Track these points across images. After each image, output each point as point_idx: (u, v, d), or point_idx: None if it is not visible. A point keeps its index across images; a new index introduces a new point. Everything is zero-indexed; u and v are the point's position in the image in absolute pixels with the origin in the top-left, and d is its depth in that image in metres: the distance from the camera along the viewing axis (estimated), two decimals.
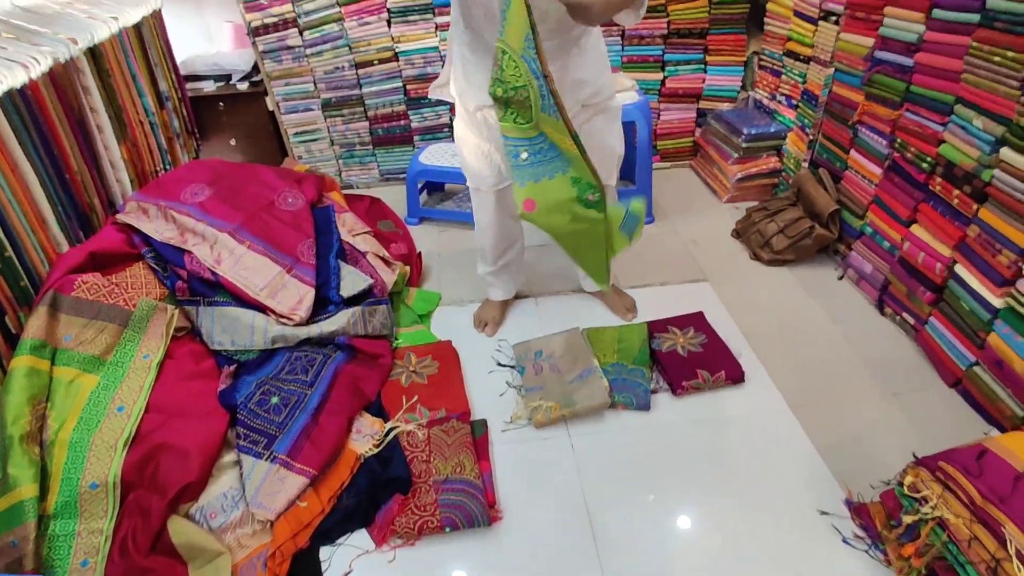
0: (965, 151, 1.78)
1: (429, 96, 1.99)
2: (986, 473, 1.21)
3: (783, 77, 2.78)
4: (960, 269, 1.84)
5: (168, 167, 2.51)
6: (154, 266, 1.96)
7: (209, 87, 2.82)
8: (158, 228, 2.01)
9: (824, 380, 1.90)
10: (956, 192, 1.83)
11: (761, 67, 2.97)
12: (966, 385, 1.80)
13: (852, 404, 1.81)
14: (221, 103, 2.84)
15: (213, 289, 1.91)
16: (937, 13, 1.84)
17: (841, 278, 2.36)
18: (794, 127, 2.72)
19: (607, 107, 1.80)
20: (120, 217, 2.01)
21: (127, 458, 1.51)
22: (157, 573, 1.38)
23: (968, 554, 1.16)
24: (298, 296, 1.95)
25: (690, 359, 1.93)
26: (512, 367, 1.98)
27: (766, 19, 2.86)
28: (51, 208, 1.79)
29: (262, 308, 1.91)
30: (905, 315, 2.08)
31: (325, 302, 2.01)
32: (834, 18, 2.37)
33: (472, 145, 1.82)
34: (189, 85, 2.80)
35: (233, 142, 2.95)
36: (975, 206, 1.77)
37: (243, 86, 2.83)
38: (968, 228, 1.80)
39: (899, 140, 2.06)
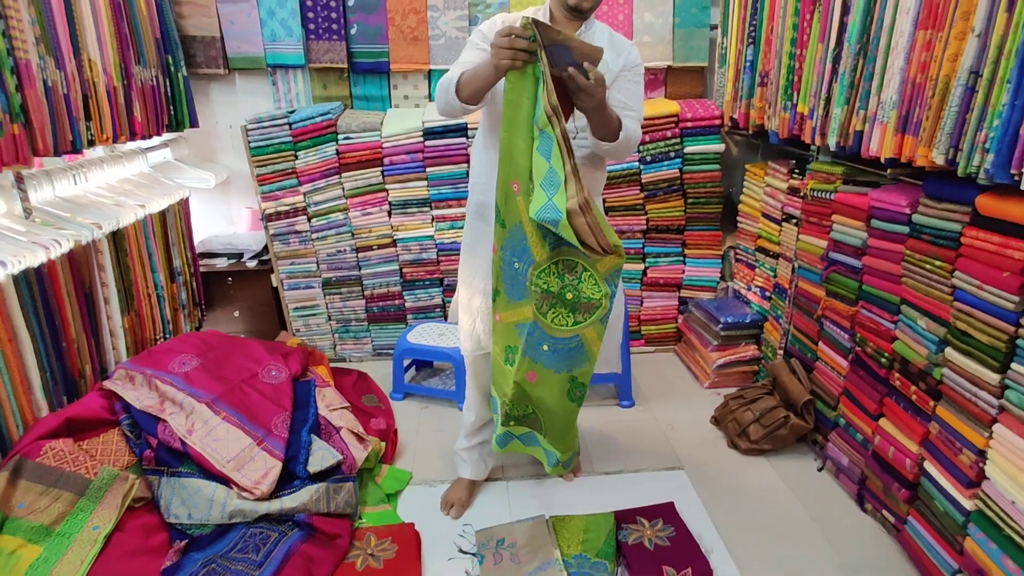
0: (915, 349, 1.84)
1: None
2: None
3: (757, 270, 2.95)
4: (929, 466, 1.81)
5: (168, 335, 2.66)
6: (128, 433, 2.00)
7: (222, 264, 3.06)
8: (140, 396, 2.08)
9: None
10: (913, 388, 1.86)
11: (737, 260, 3.16)
12: None
13: None
14: (230, 278, 3.06)
15: (179, 460, 1.93)
16: (875, 223, 2.01)
17: (821, 469, 2.30)
18: (769, 317, 2.82)
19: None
20: (106, 384, 2.10)
21: None
22: None
23: None
24: (264, 469, 1.96)
25: (656, 553, 1.85)
26: (473, 554, 1.91)
27: (738, 218, 3.10)
28: (39, 374, 1.89)
29: (226, 480, 1.91)
30: (885, 512, 2.00)
31: (291, 476, 2.01)
32: (794, 220, 2.57)
33: (465, 305, 1.95)
34: (203, 261, 3.04)
35: (236, 313, 3.12)
36: (932, 403, 1.79)
37: (252, 263, 3.06)
38: (930, 425, 1.80)
39: (858, 335, 2.13)
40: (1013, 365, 1.51)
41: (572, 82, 1.46)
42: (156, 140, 2.88)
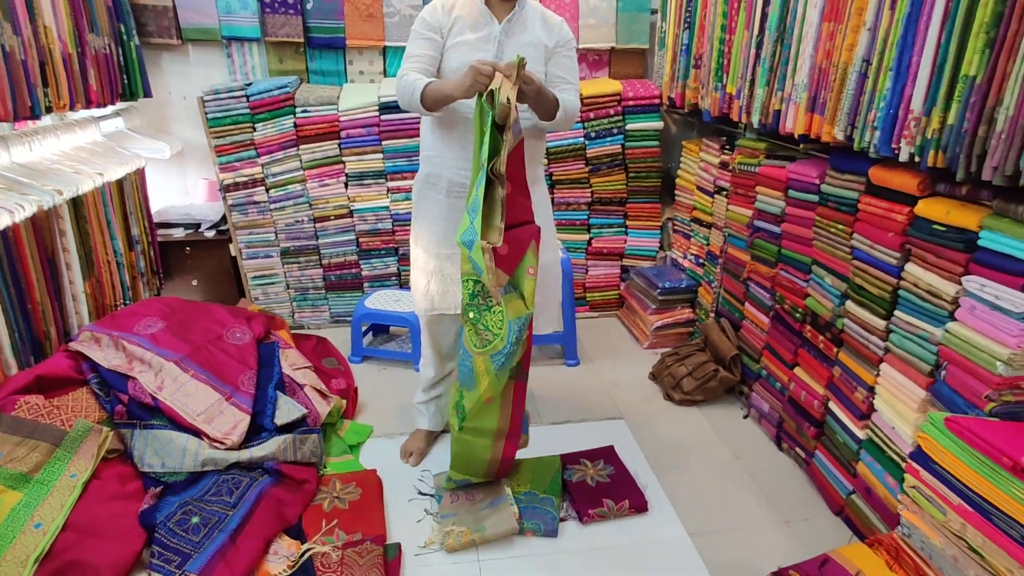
0: (823, 304, 2.09)
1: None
2: None
3: (692, 239, 3.19)
4: (833, 406, 2.08)
5: (128, 302, 2.71)
6: (97, 391, 2.08)
7: (179, 234, 3.10)
8: (107, 356, 2.15)
9: (723, 511, 2.04)
10: (821, 338, 2.12)
11: (675, 231, 3.39)
12: (847, 512, 1.96)
13: (747, 533, 1.94)
14: (187, 247, 3.11)
15: (151, 413, 2.03)
16: (791, 193, 2.25)
17: (746, 417, 2.57)
18: (702, 282, 3.08)
19: (551, 261, 2.09)
20: (73, 345, 2.16)
21: (36, 574, 1.54)
22: None
23: None
24: (233, 422, 2.08)
25: (598, 489, 2.06)
26: (431, 495, 2.08)
27: (676, 191, 3.33)
28: (8, 334, 1.95)
29: (197, 432, 2.02)
30: (797, 449, 2.27)
31: (260, 429, 2.13)
32: (724, 192, 2.81)
33: (419, 266, 2.08)
34: (161, 231, 3.08)
35: (195, 283, 3.18)
36: (835, 350, 2.05)
37: (210, 234, 3.12)
38: (833, 369, 2.07)
39: (778, 294, 2.38)
40: (896, 312, 1.77)
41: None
42: (108, 109, 2.89)
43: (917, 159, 1.57)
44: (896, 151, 1.62)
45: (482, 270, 1.59)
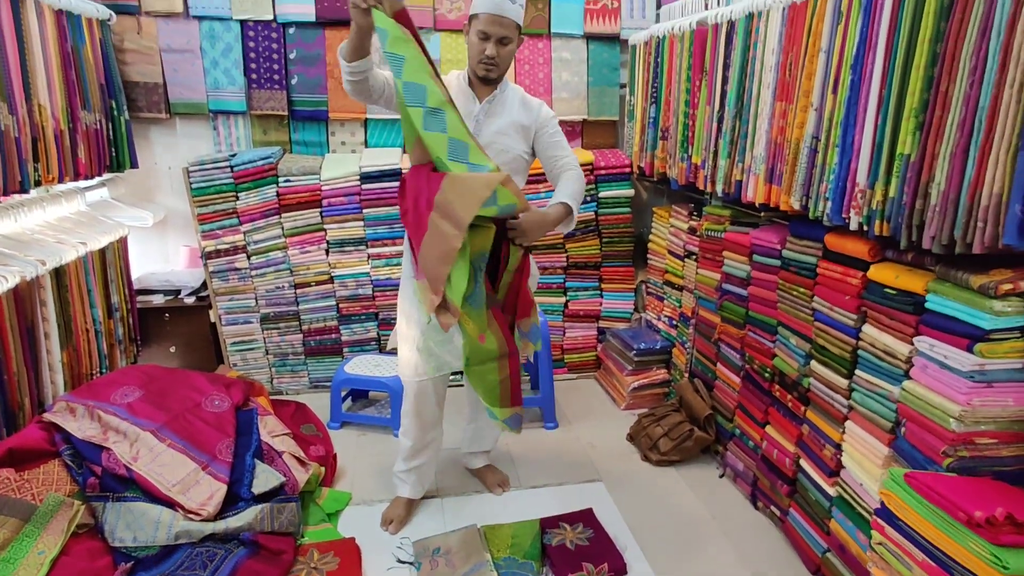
0: (789, 363, 2.17)
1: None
2: None
3: (665, 301, 3.28)
4: (803, 463, 2.13)
5: (105, 371, 2.70)
6: (69, 463, 2.06)
7: (159, 300, 3.12)
8: (81, 427, 2.14)
9: (702, 570, 2.05)
10: (789, 397, 2.19)
11: (649, 293, 3.50)
12: (823, 571, 1.98)
13: None
14: (167, 314, 3.12)
15: (125, 485, 2.00)
16: (756, 257, 2.36)
17: (722, 476, 2.60)
18: (676, 343, 3.15)
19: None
20: (47, 416, 2.15)
21: None
22: None
23: None
24: (209, 492, 2.06)
25: (577, 552, 2.06)
26: (411, 563, 2.06)
27: (648, 255, 3.45)
28: None
29: (172, 504, 2.00)
30: (772, 507, 2.30)
31: (236, 499, 2.11)
32: (694, 256, 2.92)
33: (403, 335, 2.13)
34: (140, 298, 3.09)
35: (173, 349, 3.18)
36: (803, 408, 2.12)
37: (190, 300, 3.14)
38: (802, 427, 2.13)
39: (747, 354, 2.46)
40: (856, 371, 1.85)
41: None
42: (94, 180, 2.96)
43: (865, 228, 1.69)
44: (847, 220, 1.74)
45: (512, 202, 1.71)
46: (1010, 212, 1.25)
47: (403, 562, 2.07)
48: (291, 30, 3.19)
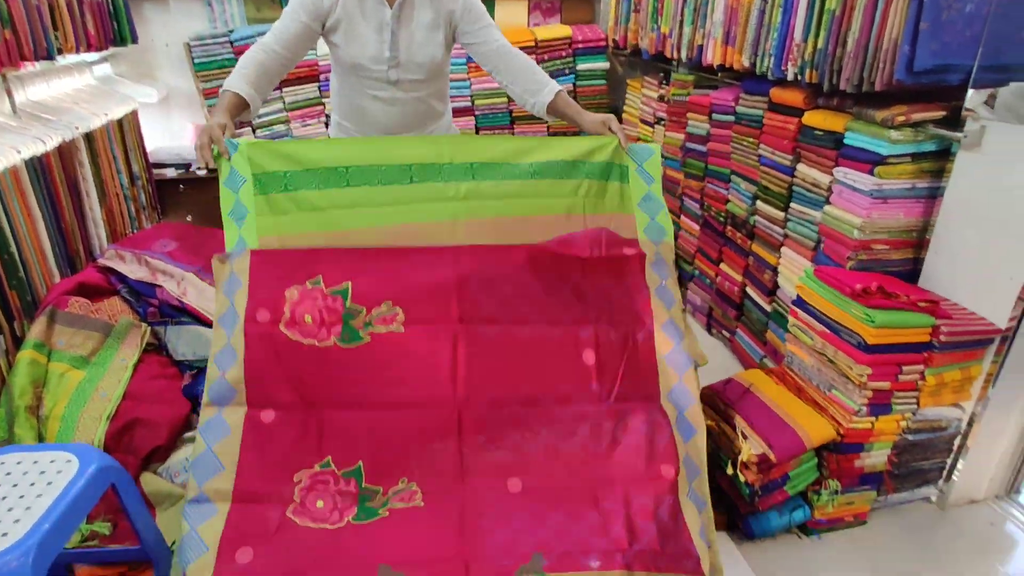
0: (739, 206, 2.55)
1: None
2: (728, 390, 1.82)
3: None
4: (749, 290, 2.56)
5: (136, 230, 3.00)
6: (128, 298, 2.41)
7: (171, 173, 3.37)
8: (132, 270, 2.47)
9: None
10: (739, 235, 2.59)
11: None
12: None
13: None
14: (182, 185, 3.39)
15: (180, 313, 2.37)
16: (714, 116, 2.68)
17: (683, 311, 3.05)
18: None
19: None
20: (100, 261, 2.47)
21: (108, 429, 1.91)
22: None
23: (719, 441, 1.74)
24: None
25: None
26: None
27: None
28: (51, 247, 2.26)
29: None
30: (723, 331, 2.76)
31: None
32: (663, 122, 3.23)
33: None
34: (155, 171, 3.34)
35: (189, 218, 3.46)
36: (749, 243, 2.52)
37: (202, 172, 3.39)
38: (748, 259, 2.54)
39: (706, 203, 2.84)
40: (791, 204, 2.23)
41: None
42: (96, 55, 3.12)
43: (799, 78, 2.01)
44: (784, 72, 2.06)
45: None
46: (900, 52, 1.58)
47: None
48: None
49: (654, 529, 1.30)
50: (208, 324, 2.37)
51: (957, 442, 1.83)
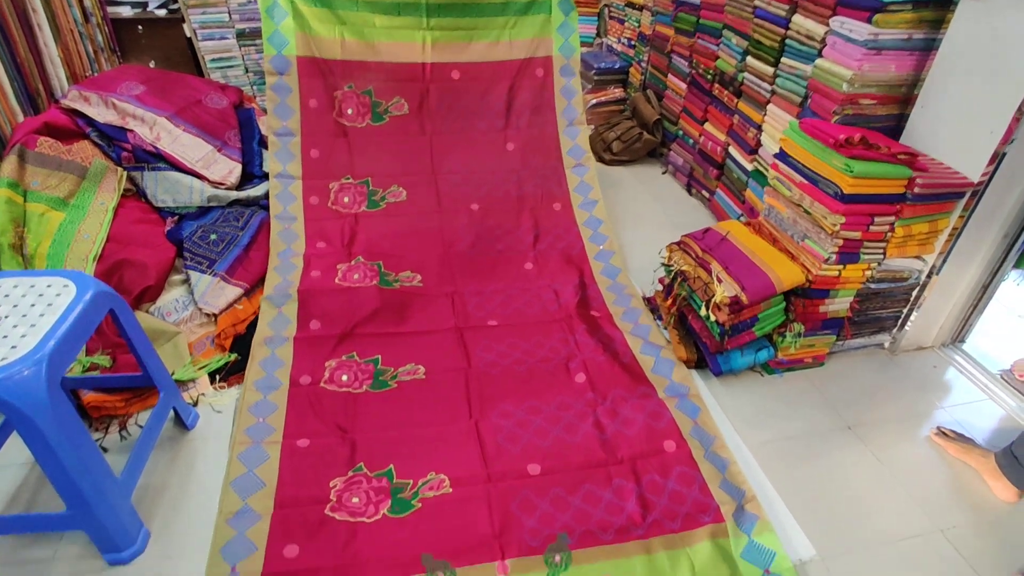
0: (729, 62, 2.49)
1: None
2: (706, 239, 1.88)
3: (626, 24, 3.46)
4: (732, 150, 2.57)
5: (96, 72, 2.83)
6: (98, 142, 2.32)
7: (127, 12, 3.13)
8: (100, 113, 2.36)
9: (640, 233, 2.57)
10: (726, 93, 2.55)
11: (611, 17, 3.64)
12: None
13: (656, 243, 2.48)
14: (140, 26, 3.16)
15: (155, 158, 2.31)
16: None
17: (664, 172, 3.07)
18: (634, 63, 3.41)
19: None
20: (64, 102, 2.35)
21: (96, 270, 1.92)
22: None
23: (694, 285, 1.83)
24: (228, 168, 2.39)
25: None
26: None
27: None
28: (8, 82, 2.14)
29: (198, 176, 2.33)
30: (703, 191, 2.80)
31: (250, 176, 2.46)
32: None
33: None
34: (109, 9, 3.09)
35: (152, 64, 3.27)
36: (735, 101, 2.49)
37: (161, 12, 3.16)
38: (733, 117, 2.53)
39: (694, 60, 2.76)
40: (782, 59, 2.19)
41: None
42: None
43: None
44: None
45: None
46: None
47: None
48: None
49: (666, 499, 1.49)
50: (185, 171, 2.32)
51: (915, 293, 1.95)
